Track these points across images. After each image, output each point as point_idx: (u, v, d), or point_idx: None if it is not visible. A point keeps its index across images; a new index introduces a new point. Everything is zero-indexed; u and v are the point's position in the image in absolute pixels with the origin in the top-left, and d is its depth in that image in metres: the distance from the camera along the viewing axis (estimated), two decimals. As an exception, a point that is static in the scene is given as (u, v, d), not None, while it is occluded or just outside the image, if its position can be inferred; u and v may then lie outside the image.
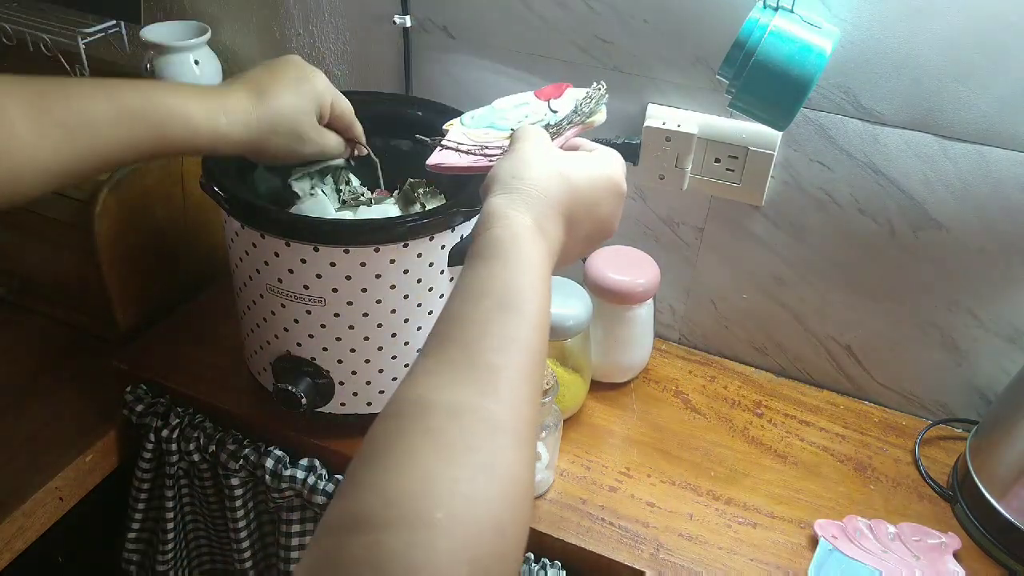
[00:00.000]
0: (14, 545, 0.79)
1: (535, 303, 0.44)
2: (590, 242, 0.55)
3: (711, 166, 0.87)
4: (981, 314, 0.85)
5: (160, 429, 0.86)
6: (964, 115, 0.76)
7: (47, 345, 0.96)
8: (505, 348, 0.41)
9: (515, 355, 0.41)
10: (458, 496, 0.34)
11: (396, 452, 0.36)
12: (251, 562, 0.90)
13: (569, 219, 0.51)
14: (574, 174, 0.53)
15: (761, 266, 0.92)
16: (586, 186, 0.53)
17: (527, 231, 0.48)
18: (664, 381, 0.95)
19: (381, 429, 0.38)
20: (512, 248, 0.46)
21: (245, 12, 1.04)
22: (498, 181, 0.51)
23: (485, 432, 0.37)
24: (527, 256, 0.46)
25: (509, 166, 0.52)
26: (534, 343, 0.43)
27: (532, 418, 0.41)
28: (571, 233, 0.52)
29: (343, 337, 0.75)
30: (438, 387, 0.39)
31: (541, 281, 0.46)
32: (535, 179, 0.51)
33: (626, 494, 0.80)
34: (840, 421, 0.91)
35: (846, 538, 0.75)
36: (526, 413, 0.40)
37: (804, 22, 0.71)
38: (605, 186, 0.54)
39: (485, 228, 0.48)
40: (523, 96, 0.69)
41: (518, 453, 0.38)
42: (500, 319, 0.42)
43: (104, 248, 0.88)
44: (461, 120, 0.69)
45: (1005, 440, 0.77)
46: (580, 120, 0.63)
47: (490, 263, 0.46)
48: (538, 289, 0.45)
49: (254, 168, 0.84)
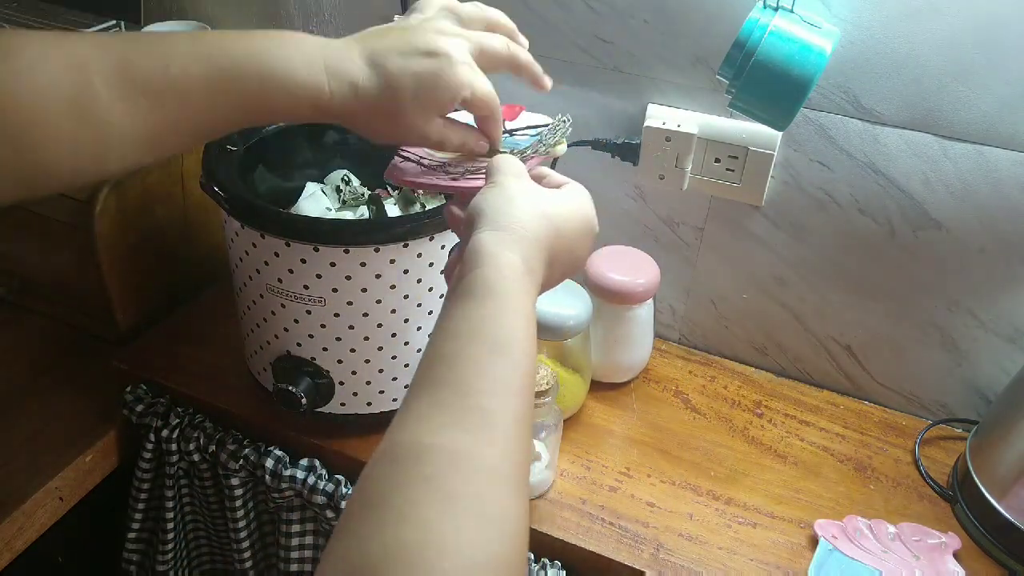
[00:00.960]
0: (14, 545, 0.79)
1: (525, 345, 0.44)
2: (563, 276, 0.55)
3: (711, 166, 0.87)
4: (981, 314, 0.85)
5: (160, 429, 0.86)
6: (964, 115, 0.76)
7: (47, 345, 0.96)
8: (499, 392, 0.41)
9: (508, 399, 0.41)
10: (462, 545, 0.34)
11: (396, 500, 0.35)
12: (251, 562, 0.90)
13: (550, 258, 0.51)
14: (556, 214, 0.52)
15: (761, 266, 0.92)
16: (566, 226, 0.53)
17: (516, 272, 0.47)
18: (664, 381, 0.95)
19: (378, 473, 0.38)
20: (502, 288, 0.46)
21: (245, 12, 1.04)
22: (484, 216, 0.50)
23: (484, 479, 0.37)
24: (517, 297, 0.46)
25: (494, 201, 0.51)
26: (525, 386, 0.43)
27: (525, 462, 0.41)
28: (550, 271, 0.52)
29: (343, 337, 0.75)
30: (433, 431, 0.39)
31: (529, 322, 0.46)
32: (521, 218, 0.50)
33: (626, 494, 0.80)
34: (840, 421, 0.91)
35: (846, 538, 0.75)
36: (520, 458, 0.40)
37: (804, 22, 0.71)
38: (581, 226, 0.55)
39: (474, 266, 0.47)
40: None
41: (516, 499, 0.38)
42: (493, 362, 0.42)
43: (104, 248, 0.88)
44: None
45: (1005, 440, 0.77)
46: (544, 150, 0.62)
47: (480, 303, 0.45)
48: (527, 331, 0.45)
49: (254, 168, 0.84)
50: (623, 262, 0.88)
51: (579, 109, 0.91)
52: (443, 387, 0.41)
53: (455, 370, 0.42)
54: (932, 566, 0.73)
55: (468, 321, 0.44)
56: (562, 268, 0.54)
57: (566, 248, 0.53)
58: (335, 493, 0.79)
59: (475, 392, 0.41)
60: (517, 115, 0.66)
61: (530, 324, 0.46)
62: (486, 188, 0.53)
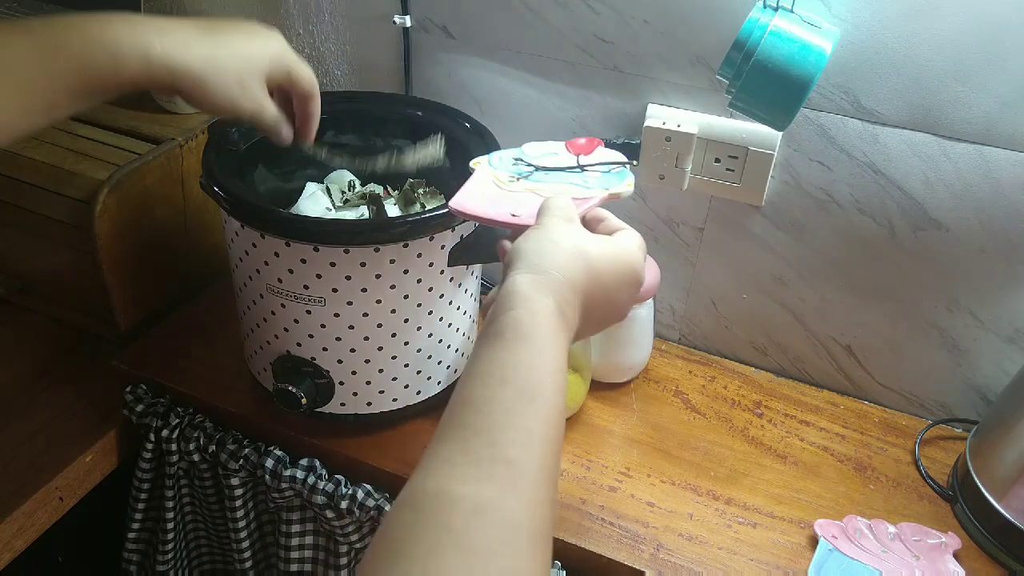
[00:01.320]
0: (14, 545, 0.79)
1: (556, 393, 0.44)
2: (600, 326, 0.55)
3: (711, 166, 0.87)
4: (981, 314, 0.85)
5: (160, 429, 0.86)
6: (964, 115, 0.76)
7: (47, 345, 0.96)
8: (527, 442, 0.40)
9: (536, 449, 0.41)
10: None
11: (418, 550, 0.35)
12: (251, 562, 0.90)
13: (587, 305, 0.51)
14: (598, 262, 0.52)
15: (761, 266, 0.92)
16: (608, 275, 0.52)
17: (551, 317, 0.47)
18: (664, 381, 0.95)
19: (401, 521, 0.37)
20: (534, 333, 0.45)
21: (245, 12, 1.04)
22: (523, 258, 0.50)
23: (506, 534, 0.37)
24: (550, 343, 0.45)
25: (536, 244, 0.51)
26: (552, 436, 0.42)
27: (549, 517, 0.40)
28: (586, 318, 0.51)
29: (343, 337, 0.75)
30: (458, 480, 0.38)
31: (561, 370, 0.45)
32: (561, 263, 0.49)
33: (626, 494, 0.80)
34: (840, 421, 0.91)
35: (846, 538, 0.75)
36: (545, 510, 0.39)
37: (804, 22, 0.71)
38: (624, 276, 0.53)
39: (508, 307, 0.46)
40: (554, 145, 0.66)
41: (537, 555, 0.37)
42: (522, 410, 0.42)
43: (104, 248, 0.88)
44: (489, 160, 0.66)
45: (1005, 440, 0.77)
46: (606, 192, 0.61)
47: (512, 347, 0.44)
48: (558, 379, 0.45)
49: (254, 168, 0.84)
50: (623, 262, 0.88)
51: (579, 109, 0.91)
52: (471, 434, 0.40)
53: (484, 416, 0.41)
54: (932, 566, 0.73)
55: (499, 364, 0.44)
56: (600, 316, 0.53)
57: (604, 297, 0.52)
58: (335, 493, 0.79)
59: (503, 441, 0.40)
60: (593, 150, 0.65)
61: (561, 371, 0.45)
62: (531, 229, 0.53)
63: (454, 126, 0.85)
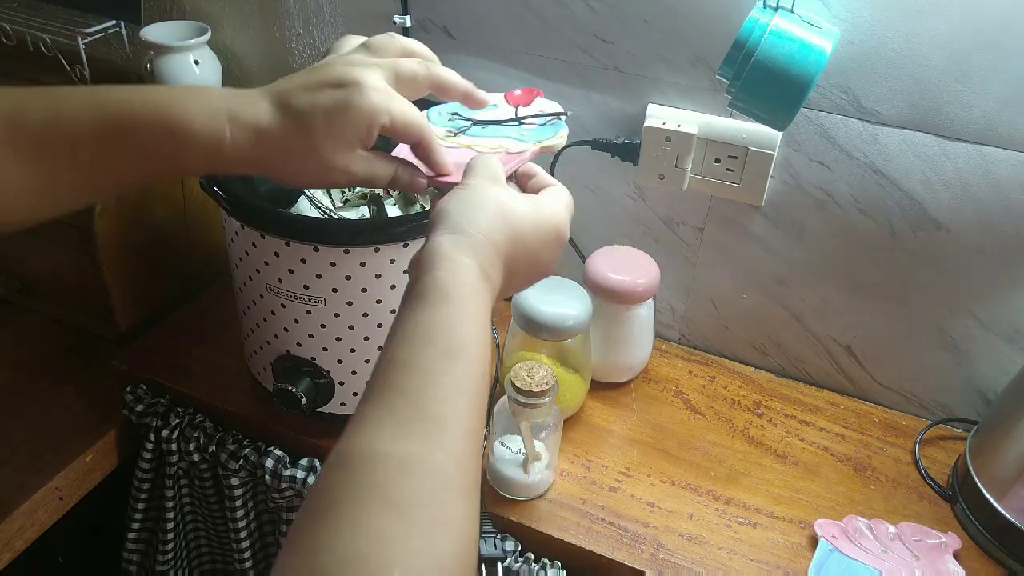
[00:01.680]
0: (14, 545, 0.79)
1: (478, 351, 0.44)
2: (525, 283, 0.55)
3: (711, 166, 0.87)
4: (981, 314, 0.85)
5: (160, 429, 0.86)
6: (964, 115, 0.76)
7: (47, 345, 0.97)
8: (451, 398, 0.41)
9: (461, 406, 0.41)
10: (412, 554, 0.34)
11: (348, 508, 0.35)
12: (251, 562, 0.90)
13: (509, 265, 0.51)
14: (521, 222, 0.52)
15: (761, 266, 0.92)
16: (531, 235, 0.52)
17: (473, 277, 0.47)
18: (664, 381, 0.95)
19: (329, 481, 0.38)
20: (456, 292, 0.45)
21: (245, 12, 1.04)
22: (445, 219, 0.50)
23: (434, 486, 0.37)
24: (473, 303, 0.46)
25: (459, 205, 0.51)
26: (477, 391, 0.43)
27: (475, 469, 0.41)
28: (509, 278, 0.51)
29: (343, 337, 0.75)
30: (385, 439, 0.39)
31: (484, 329, 0.46)
32: (483, 224, 0.50)
33: (626, 494, 0.80)
34: (840, 421, 0.91)
35: (846, 538, 0.75)
36: (471, 464, 0.40)
37: (804, 22, 0.71)
38: (548, 235, 0.54)
39: (430, 268, 0.46)
40: (493, 96, 0.65)
41: (466, 506, 0.38)
42: (445, 368, 0.42)
43: (104, 248, 0.88)
44: (428, 115, 0.64)
45: (1005, 440, 0.77)
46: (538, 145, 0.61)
47: (435, 307, 0.45)
48: (481, 337, 0.45)
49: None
50: (623, 262, 0.88)
51: (579, 109, 0.91)
52: (396, 394, 0.41)
53: (409, 376, 0.42)
54: (932, 566, 0.73)
55: (422, 326, 0.44)
56: (524, 275, 0.53)
57: (529, 256, 0.52)
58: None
59: (427, 399, 0.41)
60: (532, 100, 0.65)
61: (484, 330, 0.46)
62: (456, 189, 0.53)
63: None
